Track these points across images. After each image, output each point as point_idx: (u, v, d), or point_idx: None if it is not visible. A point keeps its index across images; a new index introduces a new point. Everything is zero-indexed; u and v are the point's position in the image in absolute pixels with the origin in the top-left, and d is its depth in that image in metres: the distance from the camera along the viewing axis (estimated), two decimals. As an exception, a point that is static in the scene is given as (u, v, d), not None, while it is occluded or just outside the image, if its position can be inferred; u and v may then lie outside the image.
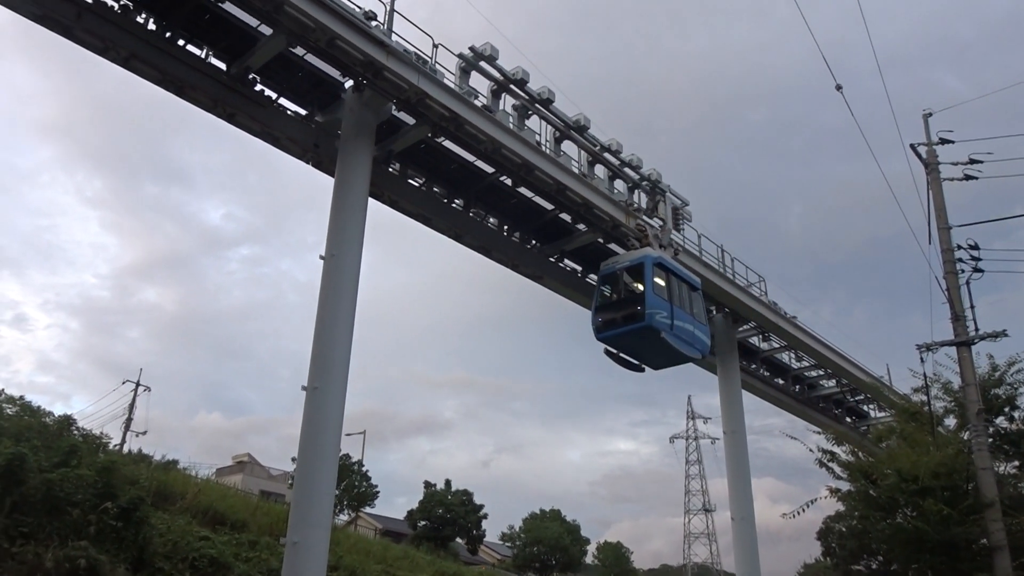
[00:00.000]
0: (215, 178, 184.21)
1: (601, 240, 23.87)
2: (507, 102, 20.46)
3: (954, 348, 16.75)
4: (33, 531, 14.80)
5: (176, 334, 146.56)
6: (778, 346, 33.22)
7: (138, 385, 45.01)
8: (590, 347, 23.02)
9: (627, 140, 22.80)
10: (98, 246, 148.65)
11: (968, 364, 16.46)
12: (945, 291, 17.02)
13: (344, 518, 43.45)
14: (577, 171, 21.74)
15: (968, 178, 18.23)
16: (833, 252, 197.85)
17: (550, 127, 21.54)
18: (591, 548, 60.97)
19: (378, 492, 46.62)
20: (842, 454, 19.00)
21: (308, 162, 19.55)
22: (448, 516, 46.31)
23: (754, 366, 33.37)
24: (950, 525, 15.06)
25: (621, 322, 19.39)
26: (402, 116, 19.16)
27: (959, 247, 17.25)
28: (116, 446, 29.31)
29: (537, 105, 20.78)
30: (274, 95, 18.90)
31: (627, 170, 23.21)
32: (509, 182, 21.52)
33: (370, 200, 18.51)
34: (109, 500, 16.02)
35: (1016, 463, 17.91)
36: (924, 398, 18.50)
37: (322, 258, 17.29)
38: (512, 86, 20.10)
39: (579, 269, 25.81)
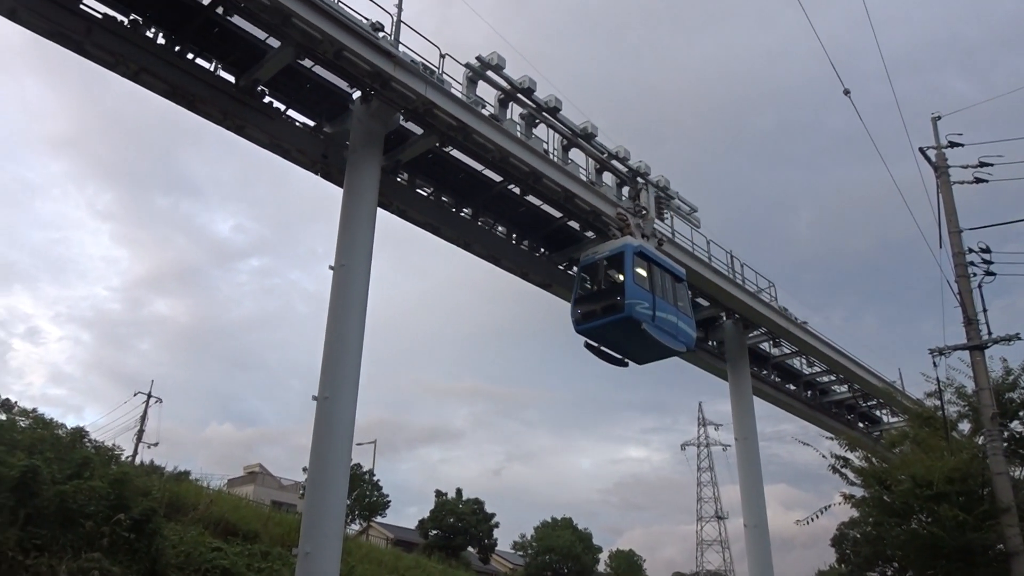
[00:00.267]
0: (225, 190, 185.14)
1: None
2: (514, 111, 20.48)
3: (967, 352, 16.64)
4: (47, 543, 14.88)
5: (187, 346, 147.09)
6: (789, 352, 33.03)
7: (149, 397, 45.16)
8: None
9: (634, 146, 22.74)
10: (109, 259, 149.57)
11: (981, 368, 16.35)
12: (957, 295, 16.92)
13: (356, 528, 43.48)
14: (585, 179, 21.75)
15: (978, 181, 18.14)
16: (842, 257, 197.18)
17: (558, 135, 21.53)
18: (603, 556, 60.59)
19: (389, 502, 46.73)
20: (855, 460, 18.91)
21: (317, 173, 19.61)
22: (459, 525, 46.19)
23: (765, 372, 33.24)
24: (966, 531, 14.96)
25: (601, 313, 18.70)
26: (410, 126, 19.17)
27: (970, 251, 17.14)
28: (128, 458, 29.42)
29: (544, 113, 20.79)
30: (282, 107, 18.99)
31: (637, 177, 23.16)
32: (517, 191, 21.50)
33: (379, 210, 18.55)
34: (122, 512, 16.10)
35: (1032, 467, 17.76)
36: (937, 403, 18.40)
37: (332, 268, 17.31)
38: (519, 95, 20.13)
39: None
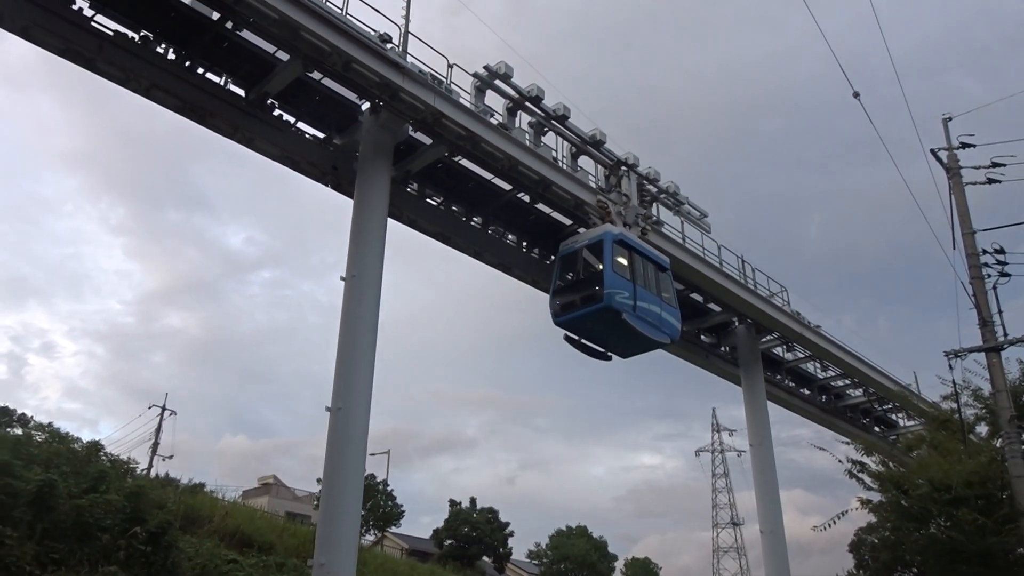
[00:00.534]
0: (236, 203, 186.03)
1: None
2: (523, 119, 20.56)
3: (983, 354, 16.47)
4: (64, 557, 14.96)
5: (200, 358, 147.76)
6: (803, 356, 32.84)
7: (164, 409, 45.23)
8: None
9: (642, 151, 22.65)
10: (122, 273, 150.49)
11: (998, 370, 16.17)
12: (971, 296, 16.77)
13: (370, 538, 43.42)
14: (595, 186, 21.75)
15: (991, 181, 17.99)
16: (855, 260, 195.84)
17: (566, 143, 21.58)
18: (619, 564, 60.30)
19: (403, 511, 46.50)
20: (872, 464, 18.72)
21: (327, 184, 19.70)
22: (474, 534, 46.01)
23: (779, 377, 33.04)
24: (985, 535, 14.79)
25: (580, 304, 18.17)
26: (419, 136, 19.26)
27: (984, 251, 16.99)
28: (143, 471, 29.60)
29: (553, 121, 20.81)
30: (292, 119, 19.12)
31: (647, 184, 23.13)
32: (527, 199, 21.57)
33: (389, 220, 18.61)
34: (138, 525, 16.19)
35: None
36: (954, 406, 18.22)
37: (343, 279, 17.37)
38: (527, 103, 20.16)
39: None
